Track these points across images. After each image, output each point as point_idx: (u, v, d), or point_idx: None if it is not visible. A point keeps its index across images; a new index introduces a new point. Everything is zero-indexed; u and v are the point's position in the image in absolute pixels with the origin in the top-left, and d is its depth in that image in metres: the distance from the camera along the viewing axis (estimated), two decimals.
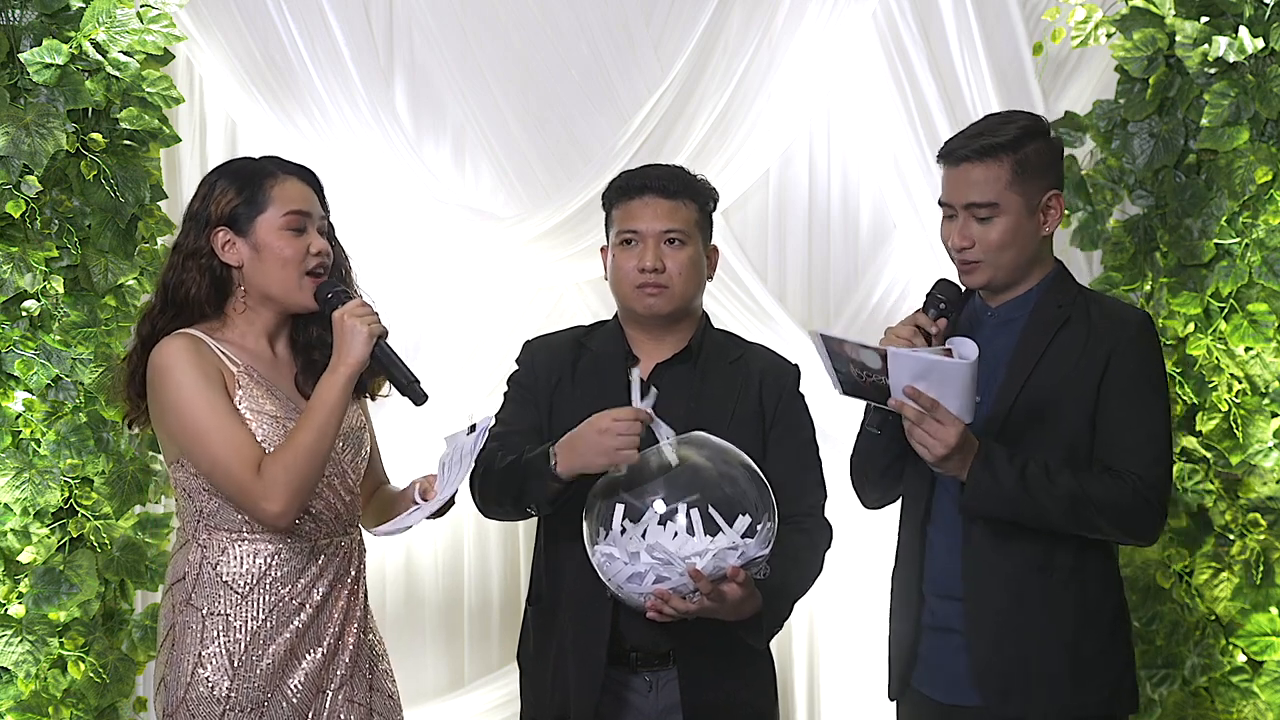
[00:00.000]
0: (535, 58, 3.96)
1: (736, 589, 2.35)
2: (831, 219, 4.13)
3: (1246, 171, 3.36)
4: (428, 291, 4.04)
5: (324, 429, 2.30)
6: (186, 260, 2.40)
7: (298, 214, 2.39)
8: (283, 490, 2.28)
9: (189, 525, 2.40)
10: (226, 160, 2.52)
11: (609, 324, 2.71)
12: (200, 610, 2.36)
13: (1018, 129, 2.45)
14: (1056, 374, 2.44)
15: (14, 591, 3.27)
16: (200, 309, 2.39)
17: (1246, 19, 3.37)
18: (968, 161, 2.45)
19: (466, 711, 4.04)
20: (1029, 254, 2.48)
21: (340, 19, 3.87)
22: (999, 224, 2.44)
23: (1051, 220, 2.47)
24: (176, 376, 2.32)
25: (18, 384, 3.28)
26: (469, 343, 4.03)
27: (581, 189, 3.88)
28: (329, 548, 2.43)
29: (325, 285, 2.39)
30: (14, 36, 3.28)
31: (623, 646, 2.53)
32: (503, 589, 4.11)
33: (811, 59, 3.94)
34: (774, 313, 4.00)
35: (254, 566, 2.36)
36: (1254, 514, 3.41)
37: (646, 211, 2.58)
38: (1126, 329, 2.46)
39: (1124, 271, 3.65)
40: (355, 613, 2.46)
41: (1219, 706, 3.48)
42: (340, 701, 2.42)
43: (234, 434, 2.30)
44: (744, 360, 2.65)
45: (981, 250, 2.46)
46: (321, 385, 2.32)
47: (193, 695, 2.33)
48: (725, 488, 2.39)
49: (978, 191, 2.44)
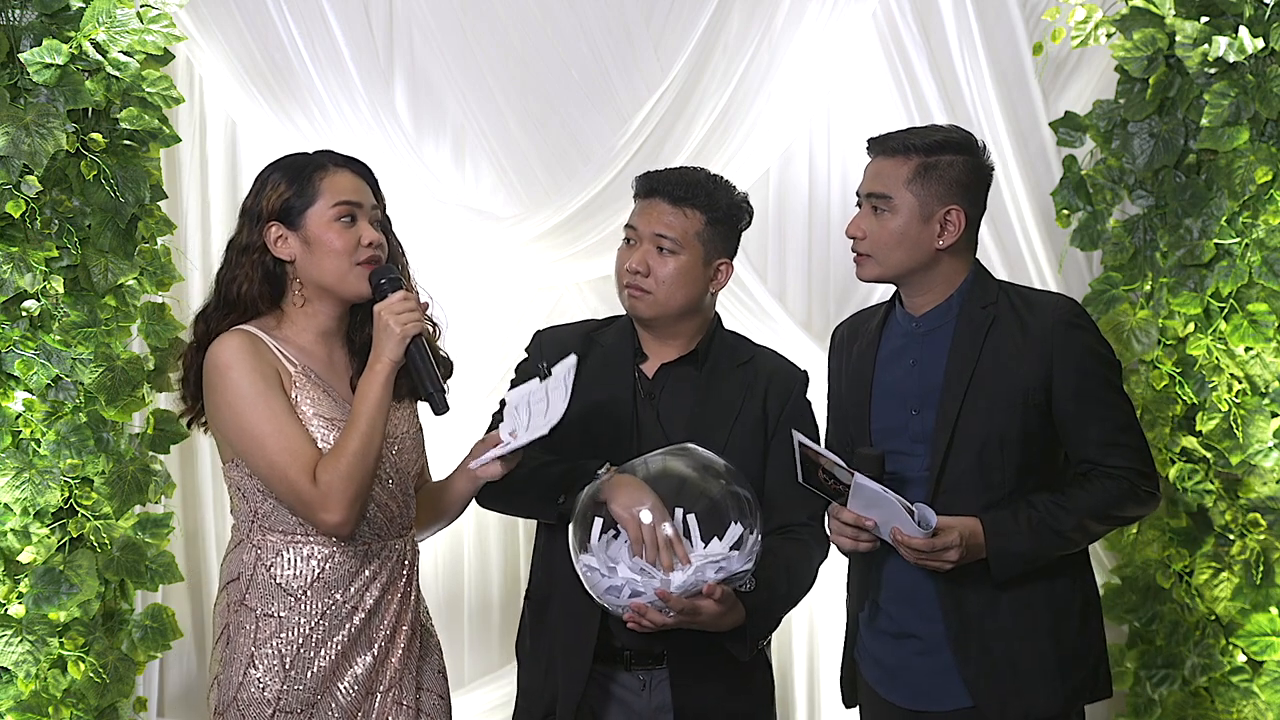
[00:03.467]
0: (535, 58, 3.96)
1: (713, 605, 2.35)
2: (831, 219, 4.13)
3: (1246, 171, 3.36)
4: (427, 292, 4.03)
5: (371, 430, 2.28)
6: (240, 256, 2.38)
7: (347, 205, 2.38)
8: (340, 499, 2.26)
9: (243, 525, 2.39)
10: (281, 155, 2.50)
11: (621, 320, 2.71)
12: (254, 611, 2.34)
13: (940, 137, 2.50)
14: (996, 374, 2.46)
15: (14, 591, 3.27)
16: (254, 305, 2.37)
17: (1246, 19, 3.37)
18: (883, 155, 2.51)
19: (466, 711, 4.04)
20: (919, 260, 2.49)
21: (340, 19, 3.87)
22: (889, 220, 2.47)
23: (948, 235, 2.47)
24: (233, 376, 2.29)
25: (18, 384, 3.28)
26: (469, 342, 4.02)
27: (581, 189, 3.88)
28: (382, 551, 2.41)
29: (379, 271, 2.37)
30: (14, 36, 3.28)
31: (615, 645, 2.54)
32: (503, 588, 4.11)
33: (811, 59, 3.94)
34: (774, 313, 4.00)
35: (308, 570, 2.35)
36: (1254, 514, 3.41)
37: (648, 213, 2.59)
38: (1058, 320, 2.47)
39: (1124, 271, 3.65)
40: (407, 615, 2.44)
41: (1219, 706, 3.49)
42: (389, 703, 2.40)
43: (291, 439, 2.28)
44: (752, 364, 2.64)
45: (871, 244, 2.50)
46: (362, 385, 2.31)
47: (244, 696, 2.33)
48: (709, 500, 2.38)
49: (878, 182, 2.49)
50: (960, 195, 2.48)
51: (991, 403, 2.45)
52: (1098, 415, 2.45)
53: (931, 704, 2.52)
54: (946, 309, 2.52)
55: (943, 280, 2.51)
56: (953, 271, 2.52)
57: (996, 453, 2.45)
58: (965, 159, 2.49)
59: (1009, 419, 2.44)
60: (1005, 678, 2.46)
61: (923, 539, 2.35)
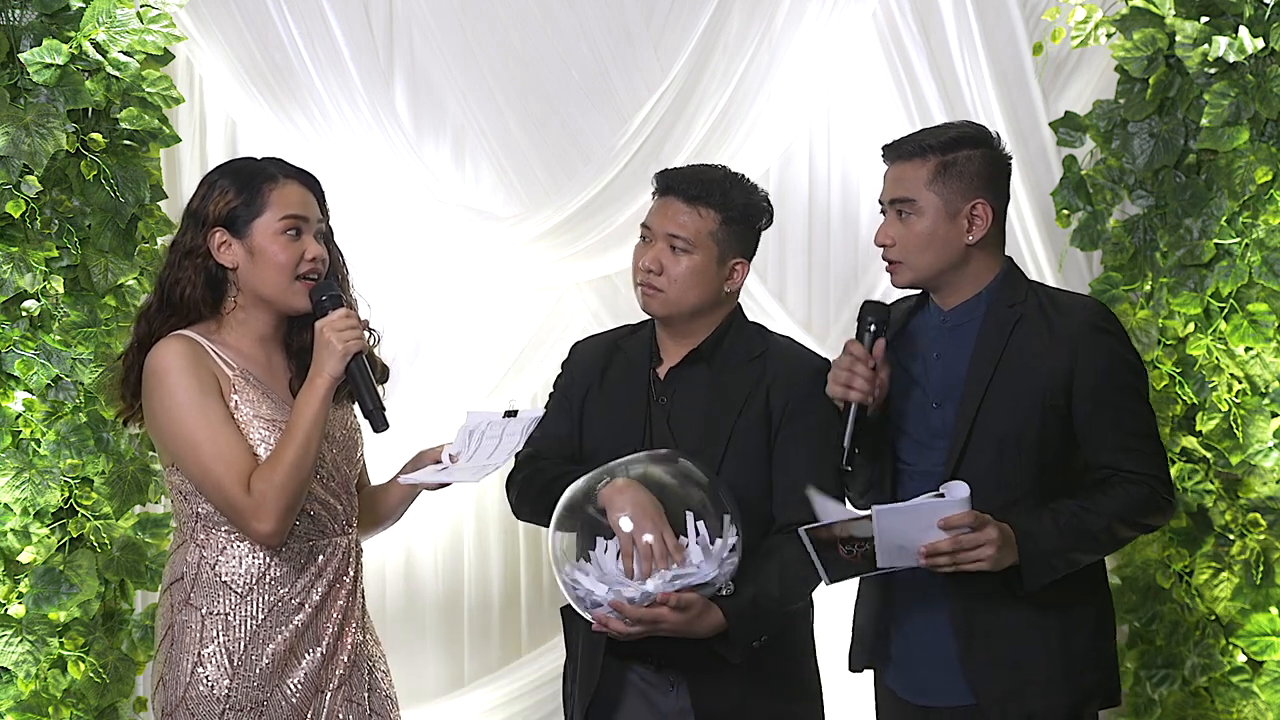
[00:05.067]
0: (535, 58, 3.95)
1: (669, 613, 2.33)
2: (831, 219, 4.13)
3: (1246, 171, 3.36)
4: (427, 292, 4.04)
5: (307, 443, 2.30)
6: (183, 259, 2.39)
7: (294, 219, 2.38)
8: (272, 509, 2.29)
9: (186, 526, 2.41)
10: (229, 159, 2.50)
11: (648, 324, 2.69)
12: (200, 610, 2.36)
13: (954, 134, 2.49)
14: (1018, 373, 2.45)
15: (14, 591, 3.27)
16: (196, 309, 2.39)
17: (1246, 19, 3.37)
18: (900, 159, 2.50)
19: (466, 711, 4.04)
20: (950, 259, 2.48)
21: (340, 19, 3.87)
22: (916, 223, 2.46)
23: (976, 229, 2.47)
24: (171, 382, 2.31)
25: (18, 384, 3.29)
26: (469, 343, 4.02)
27: (581, 189, 3.88)
28: (327, 548, 2.43)
29: (321, 287, 2.38)
30: (14, 36, 3.28)
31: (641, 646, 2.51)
32: (503, 589, 4.11)
33: (811, 59, 3.94)
34: (774, 313, 4.00)
35: (253, 566, 2.37)
36: (1254, 514, 3.41)
37: (663, 211, 2.59)
38: (1084, 322, 2.46)
39: (1124, 271, 3.65)
40: (354, 613, 2.46)
41: (1219, 706, 3.49)
42: (339, 701, 2.42)
43: (226, 447, 2.30)
44: (764, 358, 2.60)
45: (901, 250, 2.49)
46: (300, 398, 2.33)
47: (192, 694, 2.34)
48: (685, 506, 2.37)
49: (900, 187, 2.48)
50: (983, 188, 2.47)
51: (1013, 401, 2.43)
52: (1116, 420, 2.43)
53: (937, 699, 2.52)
54: (975, 305, 2.51)
55: (973, 278, 2.51)
56: (983, 268, 2.51)
57: (1014, 451, 2.43)
58: (982, 152, 2.48)
59: (1028, 418, 2.43)
60: (1007, 677, 2.45)
61: (966, 512, 2.29)
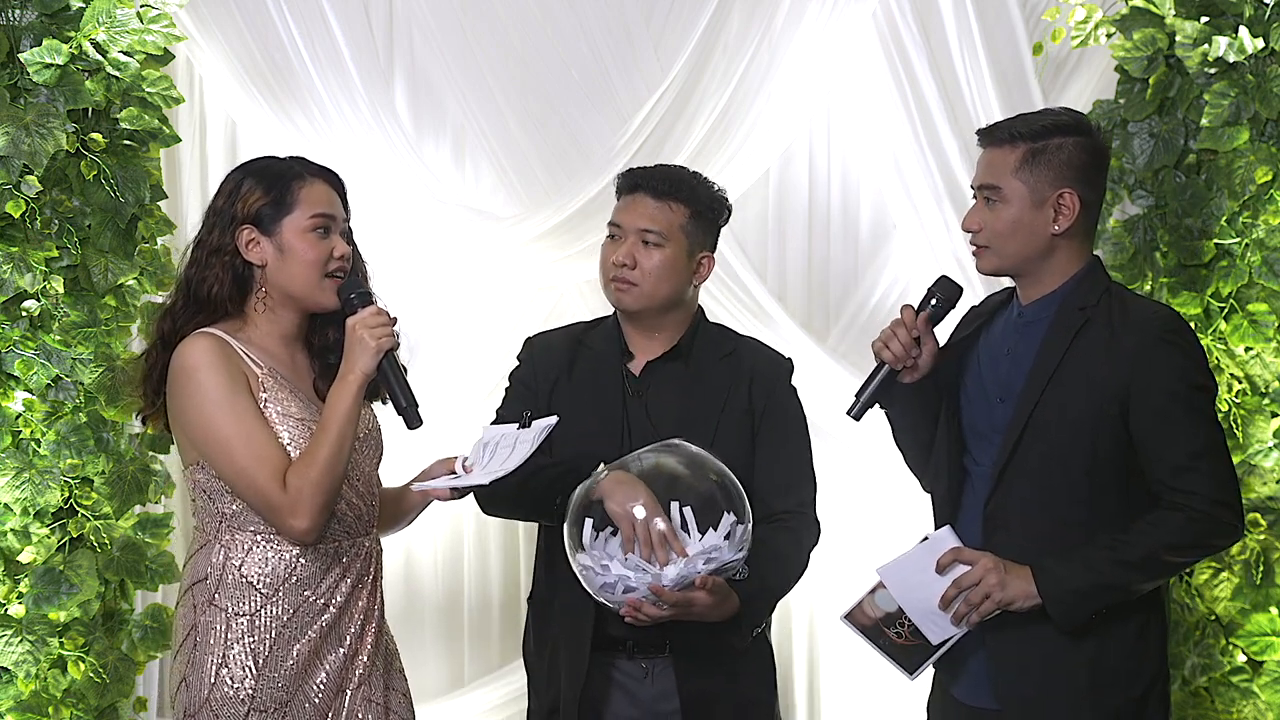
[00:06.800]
0: (535, 58, 3.96)
1: (705, 597, 2.37)
2: (831, 219, 4.13)
3: (1246, 171, 3.36)
4: (427, 291, 4.04)
5: (341, 439, 2.30)
6: (210, 257, 2.38)
7: (323, 217, 2.39)
8: (309, 506, 2.28)
9: (210, 526, 2.38)
10: (251, 159, 2.50)
11: (608, 320, 2.75)
12: (224, 610, 2.34)
13: (1048, 121, 2.46)
14: (1077, 379, 2.40)
15: (14, 591, 3.27)
16: (222, 307, 2.38)
17: (1246, 19, 3.37)
18: (992, 145, 2.48)
19: (466, 711, 4.04)
20: (1036, 248, 2.45)
21: (340, 19, 3.88)
22: (1002, 210, 2.44)
23: (1063, 219, 2.43)
24: (201, 380, 2.30)
25: (18, 384, 3.29)
26: (468, 343, 4.03)
27: (581, 189, 3.88)
28: (351, 549, 2.42)
29: (349, 284, 2.38)
30: (14, 36, 3.28)
31: (614, 635, 2.57)
32: (503, 589, 4.12)
33: (811, 59, 3.94)
34: (774, 313, 4.00)
35: (279, 567, 2.35)
36: (1254, 514, 3.41)
37: (633, 208, 2.64)
38: (1149, 334, 2.39)
39: (1124, 271, 3.65)
40: (375, 613, 2.46)
41: (1219, 706, 3.48)
42: (359, 700, 2.41)
43: (260, 444, 2.29)
44: (736, 355, 2.68)
45: (987, 235, 2.47)
46: (333, 395, 2.32)
47: (216, 695, 2.32)
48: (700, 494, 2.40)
49: (988, 173, 2.46)
50: (1073, 178, 2.43)
51: (1067, 408, 2.39)
52: (1172, 438, 2.37)
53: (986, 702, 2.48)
54: (1048, 303, 2.48)
55: (1057, 270, 2.47)
56: (1067, 261, 2.47)
57: (1064, 456, 2.39)
58: (1076, 140, 2.44)
59: (1080, 426, 2.39)
60: (1030, 686, 2.41)
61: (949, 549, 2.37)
